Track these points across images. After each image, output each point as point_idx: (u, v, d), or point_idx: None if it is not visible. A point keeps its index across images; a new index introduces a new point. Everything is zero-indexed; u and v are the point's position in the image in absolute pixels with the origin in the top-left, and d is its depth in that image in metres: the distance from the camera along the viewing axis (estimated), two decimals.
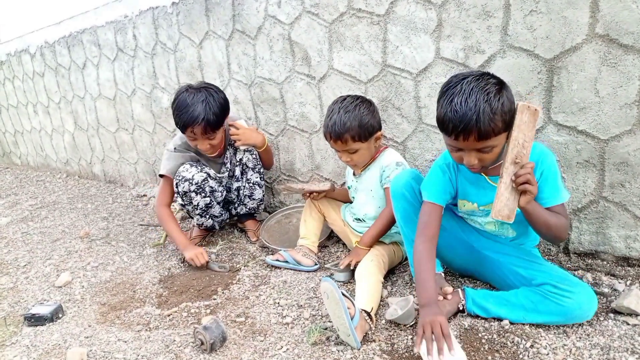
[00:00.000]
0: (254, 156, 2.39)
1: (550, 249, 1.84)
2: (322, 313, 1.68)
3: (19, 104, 5.13)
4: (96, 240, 2.74)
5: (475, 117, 1.27)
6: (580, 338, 1.36)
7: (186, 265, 2.26)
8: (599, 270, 1.69)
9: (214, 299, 1.89)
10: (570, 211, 1.73)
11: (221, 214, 2.46)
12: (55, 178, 4.82)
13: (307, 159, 2.54)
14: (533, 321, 1.43)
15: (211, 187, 2.32)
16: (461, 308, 1.53)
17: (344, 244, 2.24)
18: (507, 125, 1.31)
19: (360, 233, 1.99)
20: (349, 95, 1.88)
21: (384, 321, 1.57)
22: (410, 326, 1.52)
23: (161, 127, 3.40)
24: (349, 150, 1.85)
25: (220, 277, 2.09)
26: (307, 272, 2.02)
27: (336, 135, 1.81)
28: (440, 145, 1.97)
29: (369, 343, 1.46)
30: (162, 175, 2.33)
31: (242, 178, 2.41)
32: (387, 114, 2.09)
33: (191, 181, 2.24)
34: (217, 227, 2.52)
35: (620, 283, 1.60)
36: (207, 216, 2.39)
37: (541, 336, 1.38)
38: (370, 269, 1.73)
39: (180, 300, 1.91)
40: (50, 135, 4.86)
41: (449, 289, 1.54)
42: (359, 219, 2.02)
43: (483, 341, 1.40)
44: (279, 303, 1.78)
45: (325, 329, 1.55)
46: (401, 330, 1.51)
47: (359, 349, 1.43)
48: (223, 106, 2.17)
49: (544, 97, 1.66)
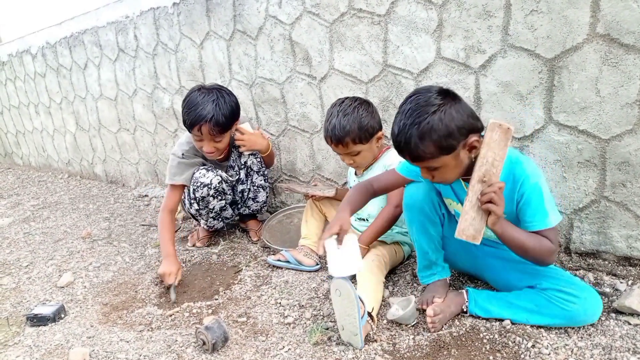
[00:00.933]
0: (259, 159, 2.39)
1: None
2: (323, 313, 1.68)
3: (20, 105, 5.14)
4: (98, 241, 2.75)
5: (404, 141, 1.30)
6: (582, 338, 1.36)
7: (188, 265, 2.26)
8: (600, 270, 1.69)
9: (216, 299, 1.89)
10: (572, 211, 1.73)
11: (232, 216, 2.48)
12: (57, 178, 4.83)
13: (308, 159, 2.54)
14: (536, 323, 1.43)
15: (225, 189, 2.32)
16: (465, 309, 1.53)
17: None
18: (445, 149, 1.29)
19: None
20: (347, 98, 1.87)
21: (385, 321, 1.57)
22: (412, 326, 1.53)
23: (162, 127, 3.41)
24: (350, 153, 1.85)
25: (222, 277, 2.09)
26: (309, 272, 2.02)
27: (336, 139, 1.81)
28: None
29: (371, 343, 1.46)
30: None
31: (247, 181, 2.41)
32: (388, 114, 2.09)
33: (210, 186, 2.22)
34: (225, 227, 2.53)
35: (621, 283, 1.59)
36: (219, 219, 2.41)
37: (543, 336, 1.38)
38: (372, 269, 1.73)
39: (182, 300, 1.92)
40: (51, 135, 4.87)
41: (429, 311, 1.48)
42: (362, 219, 2.02)
43: (484, 341, 1.40)
44: (280, 303, 1.78)
45: (327, 329, 1.55)
46: (403, 330, 1.52)
47: (361, 349, 1.43)
48: (233, 109, 2.16)
49: (545, 96, 1.66)
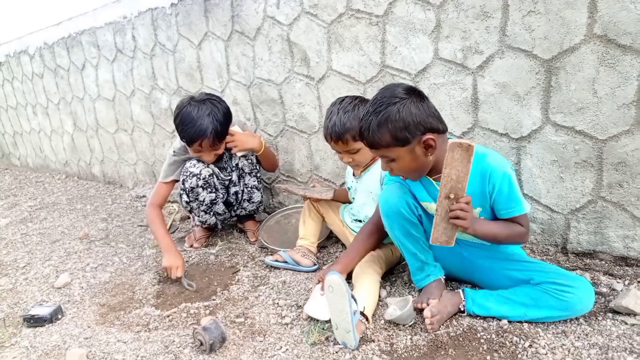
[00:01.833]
0: (250, 161, 2.38)
1: (548, 248, 1.84)
2: None
3: (18, 105, 5.13)
4: (95, 241, 2.74)
5: (364, 128, 1.43)
6: (579, 338, 1.37)
7: (186, 266, 2.26)
8: (597, 270, 1.69)
9: (213, 300, 1.89)
10: (569, 211, 1.74)
11: (224, 212, 2.46)
12: (55, 179, 4.82)
13: (306, 159, 2.54)
14: (534, 317, 1.43)
15: (215, 184, 2.32)
16: (462, 309, 1.53)
17: (343, 245, 2.24)
18: (399, 140, 1.38)
19: None
20: (347, 96, 1.88)
21: (382, 321, 1.57)
22: (410, 326, 1.53)
23: (160, 128, 3.40)
24: (350, 151, 1.85)
25: (220, 277, 2.09)
26: (306, 272, 2.02)
27: (336, 135, 1.81)
28: None
29: (368, 343, 1.46)
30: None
31: (240, 183, 2.41)
32: None
33: (199, 176, 2.24)
34: (219, 225, 2.52)
35: (618, 283, 1.60)
36: (210, 213, 2.39)
37: (540, 336, 1.38)
38: (366, 269, 1.74)
39: (180, 301, 1.91)
40: (49, 136, 4.86)
41: (426, 312, 1.49)
42: (359, 220, 2.03)
43: (482, 341, 1.40)
44: (278, 303, 1.78)
45: (324, 329, 1.55)
46: (400, 330, 1.52)
47: (355, 349, 1.43)
48: (227, 116, 2.17)
49: (542, 97, 1.67)
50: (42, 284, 2.22)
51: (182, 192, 2.30)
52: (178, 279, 2.05)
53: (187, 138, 2.10)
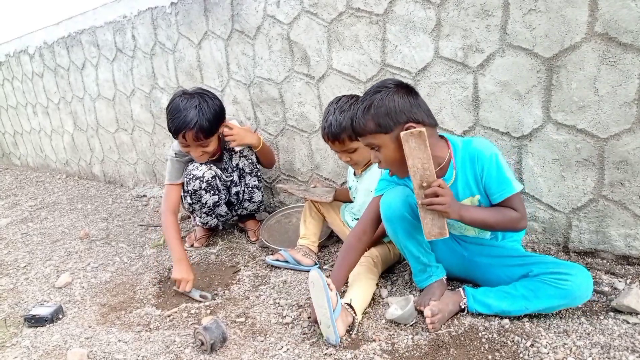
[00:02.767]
0: (250, 161, 2.37)
1: (550, 247, 1.84)
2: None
3: (18, 105, 5.13)
4: (96, 241, 2.74)
5: (351, 116, 1.54)
6: (581, 337, 1.36)
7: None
8: (598, 269, 1.69)
9: (214, 299, 1.89)
10: (570, 210, 1.73)
11: (227, 214, 2.46)
12: (55, 179, 4.82)
13: (306, 158, 2.54)
14: (535, 309, 1.42)
15: (219, 187, 2.32)
16: (463, 307, 1.53)
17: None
18: (382, 127, 1.41)
19: None
20: (344, 95, 1.88)
21: (384, 321, 1.57)
22: (411, 326, 1.52)
23: (160, 127, 3.40)
24: (347, 150, 1.85)
25: (221, 277, 2.09)
26: (307, 271, 2.01)
27: (333, 136, 1.81)
28: None
29: (369, 343, 1.46)
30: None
31: (241, 183, 2.40)
32: None
33: (202, 179, 2.23)
34: (220, 226, 2.52)
35: (620, 282, 1.60)
36: (213, 215, 2.39)
37: (541, 335, 1.38)
38: (361, 269, 1.74)
39: (181, 300, 1.91)
40: (49, 136, 4.85)
41: (427, 311, 1.48)
42: (358, 219, 2.02)
43: (483, 340, 1.40)
44: (279, 303, 1.78)
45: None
46: (402, 330, 1.51)
47: (337, 344, 1.44)
48: (217, 113, 2.12)
49: (543, 95, 1.66)
50: (42, 283, 2.22)
51: (185, 194, 2.29)
52: (187, 293, 1.96)
53: (171, 129, 2.08)
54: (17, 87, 4.95)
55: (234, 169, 2.37)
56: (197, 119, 2.04)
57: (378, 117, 1.40)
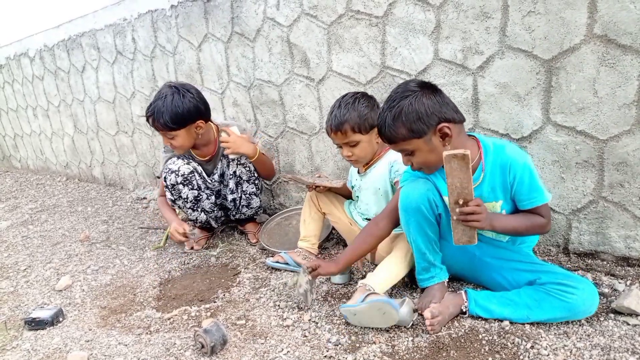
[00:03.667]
0: (247, 169, 2.35)
1: (550, 249, 1.84)
2: (322, 315, 1.67)
3: (18, 108, 5.13)
4: (96, 244, 2.74)
5: (381, 124, 1.45)
6: (581, 339, 1.36)
7: (186, 267, 2.26)
8: (599, 271, 1.69)
9: (214, 302, 1.89)
10: (570, 211, 1.73)
11: (212, 210, 2.44)
12: (55, 181, 4.83)
13: (306, 160, 2.54)
14: (537, 319, 1.42)
15: (198, 183, 2.34)
16: (464, 310, 1.52)
17: (344, 245, 2.23)
18: (415, 132, 1.40)
19: None
20: (350, 92, 1.91)
21: None
22: (411, 328, 1.52)
23: None
24: (349, 143, 1.85)
25: (221, 279, 2.09)
26: None
27: (336, 126, 1.83)
28: None
29: (369, 345, 1.46)
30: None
31: (238, 190, 2.38)
32: None
33: (177, 172, 2.27)
34: (214, 224, 2.50)
35: (620, 283, 1.60)
36: (198, 210, 2.39)
37: (542, 337, 1.38)
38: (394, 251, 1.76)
39: (181, 303, 1.91)
40: (50, 138, 4.86)
41: (427, 313, 1.48)
42: (369, 219, 2.00)
43: (483, 342, 1.40)
44: (279, 305, 1.78)
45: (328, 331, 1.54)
46: (401, 331, 1.51)
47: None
48: (181, 110, 2.11)
49: (543, 97, 1.66)
50: (43, 286, 2.22)
51: (166, 189, 2.33)
52: (186, 237, 2.25)
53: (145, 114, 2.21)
54: (17, 89, 4.96)
55: (231, 176, 2.35)
56: (161, 111, 2.11)
57: (410, 123, 1.39)
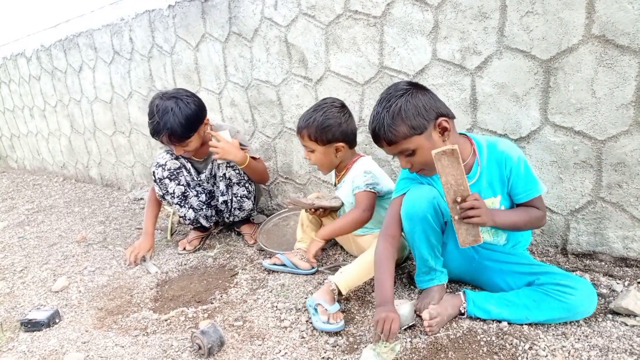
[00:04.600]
0: (237, 171, 2.29)
1: (548, 250, 1.84)
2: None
3: (15, 108, 5.11)
4: (93, 245, 2.73)
5: (378, 127, 1.41)
6: (579, 339, 1.36)
7: (183, 268, 2.25)
8: (597, 271, 1.69)
9: (212, 303, 1.88)
10: (568, 212, 1.73)
11: (201, 208, 2.42)
12: (52, 182, 4.81)
13: (304, 161, 2.53)
14: (535, 320, 1.42)
15: (186, 179, 2.35)
16: (462, 311, 1.52)
17: (341, 247, 2.23)
18: (416, 128, 1.38)
19: (361, 234, 1.98)
20: (331, 98, 1.92)
21: None
22: (409, 329, 1.52)
23: None
24: (306, 147, 1.90)
25: (218, 280, 2.08)
26: (305, 275, 2.01)
27: (297, 127, 1.88)
28: None
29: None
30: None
31: (228, 192, 2.34)
32: None
33: (164, 167, 2.29)
34: (205, 223, 2.45)
35: (618, 284, 1.60)
36: (186, 206, 2.38)
37: (540, 338, 1.38)
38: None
39: (178, 304, 1.90)
40: (46, 138, 4.84)
41: (425, 314, 1.48)
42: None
43: (482, 343, 1.39)
44: (277, 307, 1.77)
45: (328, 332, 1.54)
46: (400, 333, 1.51)
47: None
48: (191, 116, 2.12)
49: (541, 98, 1.66)
50: (39, 287, 2.21)
51: (154, 183, 2.34)
52: (141, 261, 2.28)
53: (150, 131, 2.18)
54: (14, 90, 4.94)
55: (222, 178, 2.32)
56: (169, 125, 2.08)
57: (410, 119, 1.38)
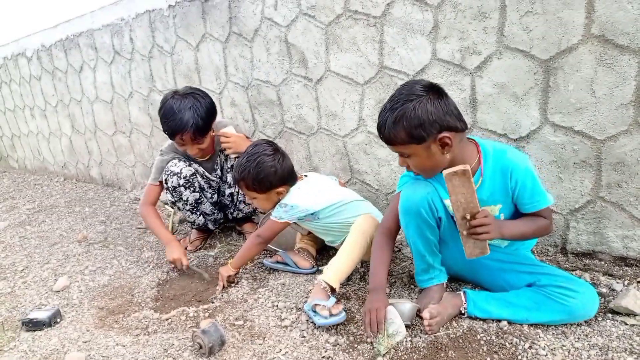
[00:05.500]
0: None
1: (548, 249, 1.84)
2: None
3: (15, 108, 5.12)
4: (94, 244, 2.74)
5: (381, 124, 1.42)
6: (579, 338, 1.37)
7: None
8: (596, 271, 1.69)
9: (213, 303, 1.88)
10: (568, 211, 1.74)
11: (213, 212, 2.45)
12: (53, 182, 4.81)
13: (304, 160, 2.54)
14: (536, 321, 1.43)
15: (200, 184, 2.33)
16: (463, 311, 1.52)
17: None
18: (415, 138, 1.36)
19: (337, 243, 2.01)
20: (263, 141, 1.95)
21: None
22: (410, 328, 1.52)
23: (158, 129, 3.40)
24: (247, 195, 1.95)
25: (219, 280, 2.08)
26: (306, 274, 2.01)
27: (233, 178, 1.94)
28: None
29: (367, 345, 1.46)
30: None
31: (235, 185, 2.40)
32: None
33: (179, 175, 2.26)
34: (211, 226, 2.50)
35: (618, 283, 1.60)
36: (197, 213, 2.39)
37: (540, 337, 1.38)
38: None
39: (179, 303, 1.91)
40: (47, 138, 4.85)
41: (425, 313, 1.49)
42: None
43: (482, 342, 1.40)
44: (277, 306, 1.78)
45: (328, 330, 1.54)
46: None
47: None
48: (210, 111, 2.15)
49: (541, 97, 1.67)
50: (40, 287, 2.22)
51: (167, 191, 2.32)
52: (188, 269, 2.13)
53: (168, 131, 2.13)
54: (14, 90, 4.95)
55: (229, 170, 2.36)
56: (193, 120, 2.07)
57: (410, 128, 1.35)
